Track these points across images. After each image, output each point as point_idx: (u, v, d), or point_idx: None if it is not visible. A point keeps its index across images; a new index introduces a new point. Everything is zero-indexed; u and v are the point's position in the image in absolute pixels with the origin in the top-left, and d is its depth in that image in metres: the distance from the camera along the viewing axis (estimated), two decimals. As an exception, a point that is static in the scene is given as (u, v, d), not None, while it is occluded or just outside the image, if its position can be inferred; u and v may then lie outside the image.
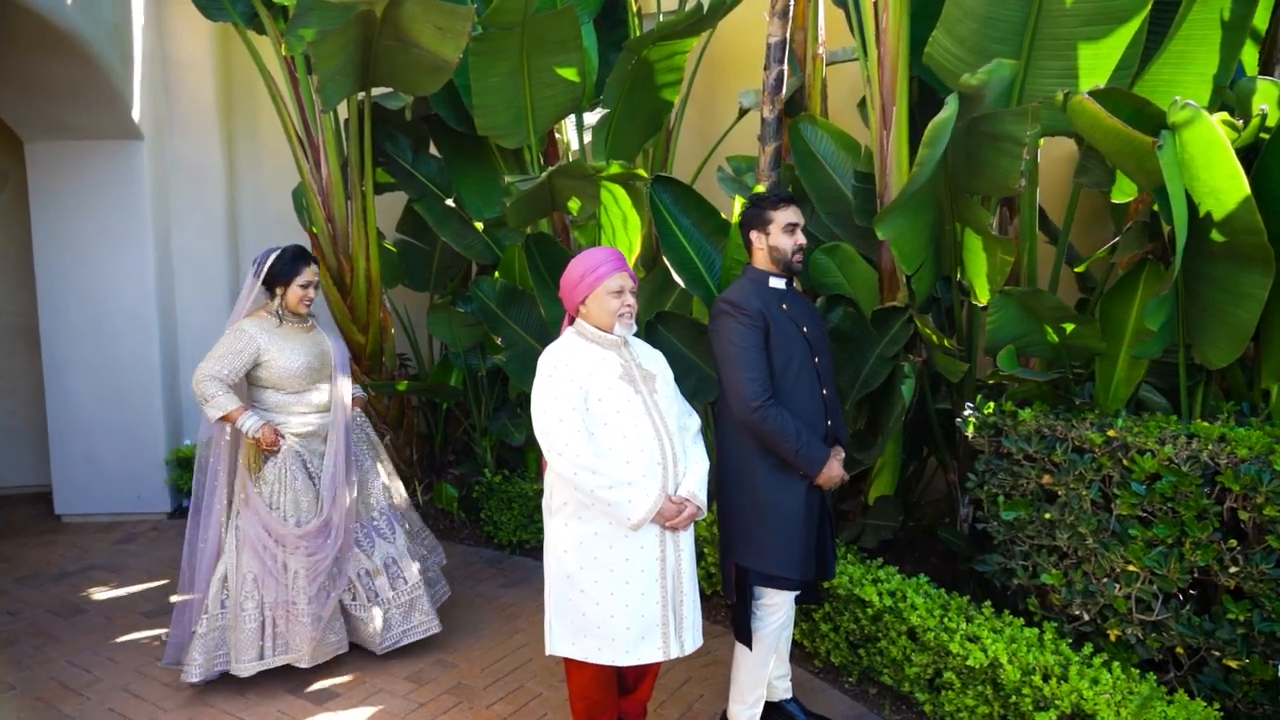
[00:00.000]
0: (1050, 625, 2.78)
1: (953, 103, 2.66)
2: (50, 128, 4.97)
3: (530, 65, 3.95)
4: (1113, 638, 2.69)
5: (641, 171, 3.55)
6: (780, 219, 2.75)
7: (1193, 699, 2.42)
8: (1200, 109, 2.34)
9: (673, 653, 2.49)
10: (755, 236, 2.80)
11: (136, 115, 4.98)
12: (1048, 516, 2.81)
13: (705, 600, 3.77)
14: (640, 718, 2.79)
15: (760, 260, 2.81)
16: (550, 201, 3.92)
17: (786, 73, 3.71)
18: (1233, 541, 2.42)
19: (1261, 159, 2.59)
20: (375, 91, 4.17)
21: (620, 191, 3.76)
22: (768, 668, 2.80)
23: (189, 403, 5.62)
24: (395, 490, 3.66)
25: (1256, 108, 2.69)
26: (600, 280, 2.51)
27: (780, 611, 2.76)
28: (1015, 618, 2.88)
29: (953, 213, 3.22)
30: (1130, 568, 2.59)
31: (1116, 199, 3.34)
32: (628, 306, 2.53)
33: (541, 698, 3.21)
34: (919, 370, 3.37)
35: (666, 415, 2.54)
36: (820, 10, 4.12)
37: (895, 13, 3.32)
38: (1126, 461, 2.58)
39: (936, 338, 3.31)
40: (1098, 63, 2.93)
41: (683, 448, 2.57)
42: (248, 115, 5.78)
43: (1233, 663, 2.45)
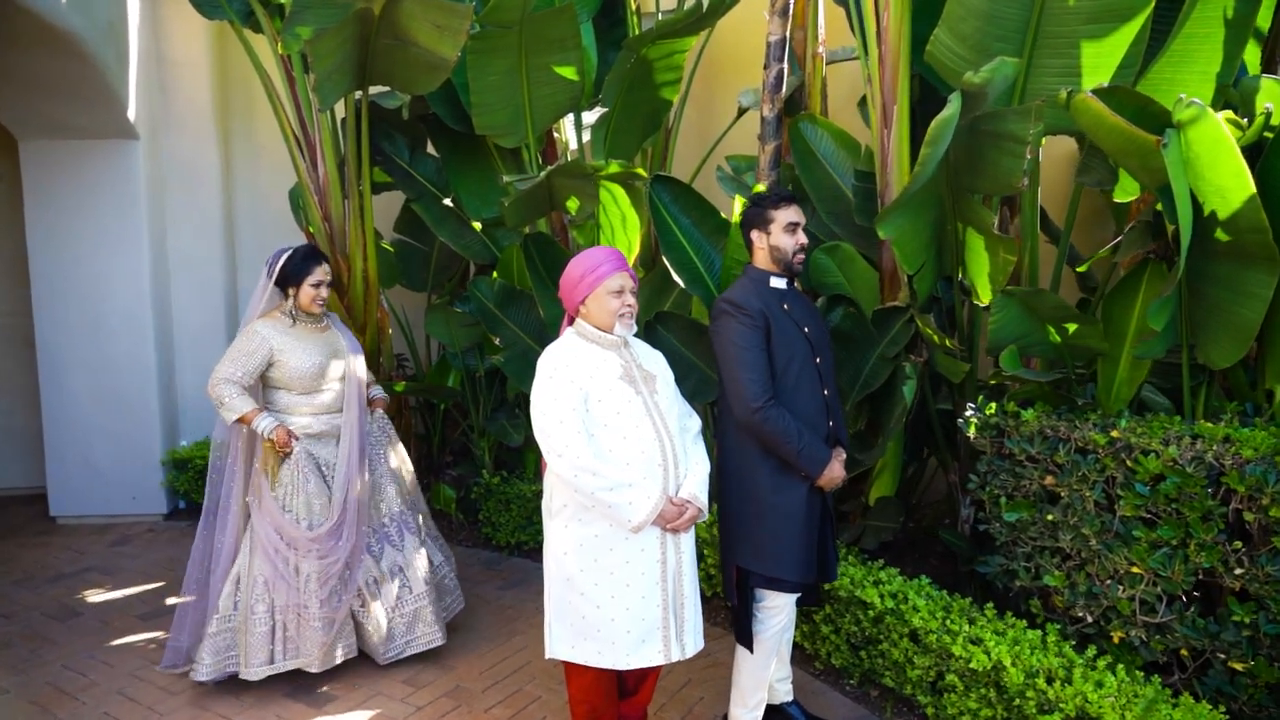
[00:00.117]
0: (1053, 627, 2.77)
1: (955, 101, 2.64)
2: (45, 127, 4.94)
3: (529, 64, 3.93)
4: (1116, 640, 2.67)
5: (641, 171, 3.53)
6: (781, 218, 2.73)
7: (1198, 702, 2.40)
8: (1205, 107, 2.32)
9: (674, 656, 2.47)
10: (756, 236, 2.77)
11: (132, 114, 4.95)
12: (1050, 518, 2.79)
13: (705, 602, 3.75)
14: (640, 721, 2.77)
15: (761, 260, 2.79)
16: (549, 201, 3.90)
17: (786, 71, 3.69)
18: (1238, 543, 2.40)
19: (1266, 157, 2.57)
20: (372, 90, 4.15)
21: (619, 191, 3.74)
22: (769, 670, 2.78)
23: (185, 404, 5.59)
24: (415, 497, 3.62)
25: (1260, 106, 2.68)
26: (600, 280, 2.48)
27: (781, 614, 2.74)
28: (1018, 620, 2.86)
29: (954, 212, 3.20)
30: (1134, 569, 2.58)
31: (1118, 198, 3.33)
32: (628, 306, 2.51)
33: (541, 701, 3.18)
34: (920, 371, 3.36)
35: (667, 416, 2.52)
36: (820, 9, 4.11)
37: (896, 11, 3.31)
38: (1130, 462, 2.56)
39: (938, 338, 3.30)
40: (1100, 61, 2.91)
41: (683, 449, 2.55)
42: (244, 114, 5.75)
43: (1238, 665, 2.44)
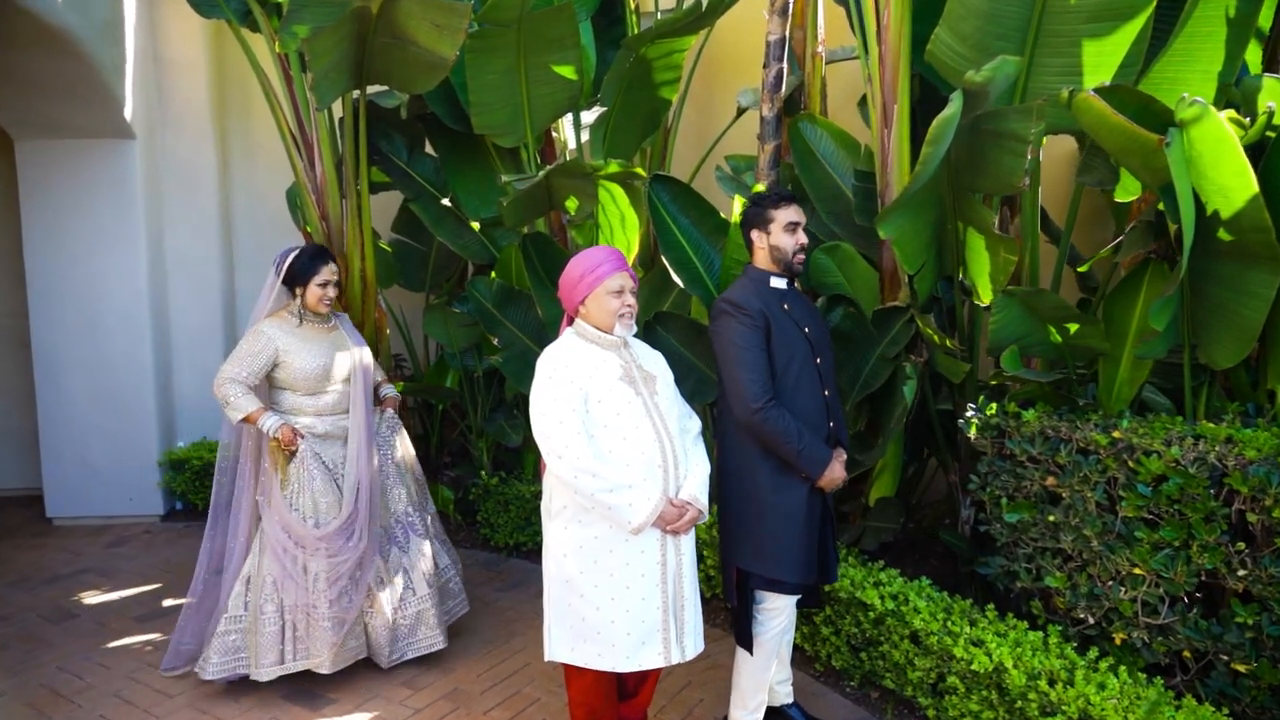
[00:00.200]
0: (1055, 629, 2.75)
1: (957, 100, 2.63)
2: (42, 126, 4.92)
3: (527, 63, 3.92)
4: (1118, 641, 2.66)
5: (639, 170, 3.51)
6: (781, 218, 2.71)
7: (1200, 704, 2.39)
8: (1208, 105, 2.31)
9: (674, 658, 2.46)
10: (756, 235, 2.76)
11: (129, 114, 4.93)
12: (1051, 519, 2.78)
13: (705, 603, 3.73)
14: (640, 723, 2.75)
15: (761, 260, 2.77)
16: (548, 201, 3.88)
17: (785, 71, 3.68)
18: (1241, 544, 2.39)
19: (1268, 157, 2.55)
20: (370, 89, 4.13)
21: (618, 190, 3.72)
22: (769, 672, 2.77)
23: (182, 404, 5.57)
24: (423, 498, 3.60)
25: (1263, 105, 2.67)
26: (600, 280, 2.47)
27: (782, 616, 2.72)
28: (1019, 621, 2.84)
29: (955, 211, 3.18)
30: (1136, 570, 2.56)
31: (1119, 198, 3.32)
32: (628, 307, 2.49)
33: (540, 703, 3.17)
34: (920, 371, 3.34)
35: (667, 417, 2.50)
36: (819, 8, 4.10)
37: (896, 10, 3.29)
38: (1132, 463, 2.55)
39: (938, 338, 3.28)
40: (1102, 60, 2.90)
41: (684, 450, 2.53)
42: (241, 113, 5.73)
43: (1241, 667, 2.42)
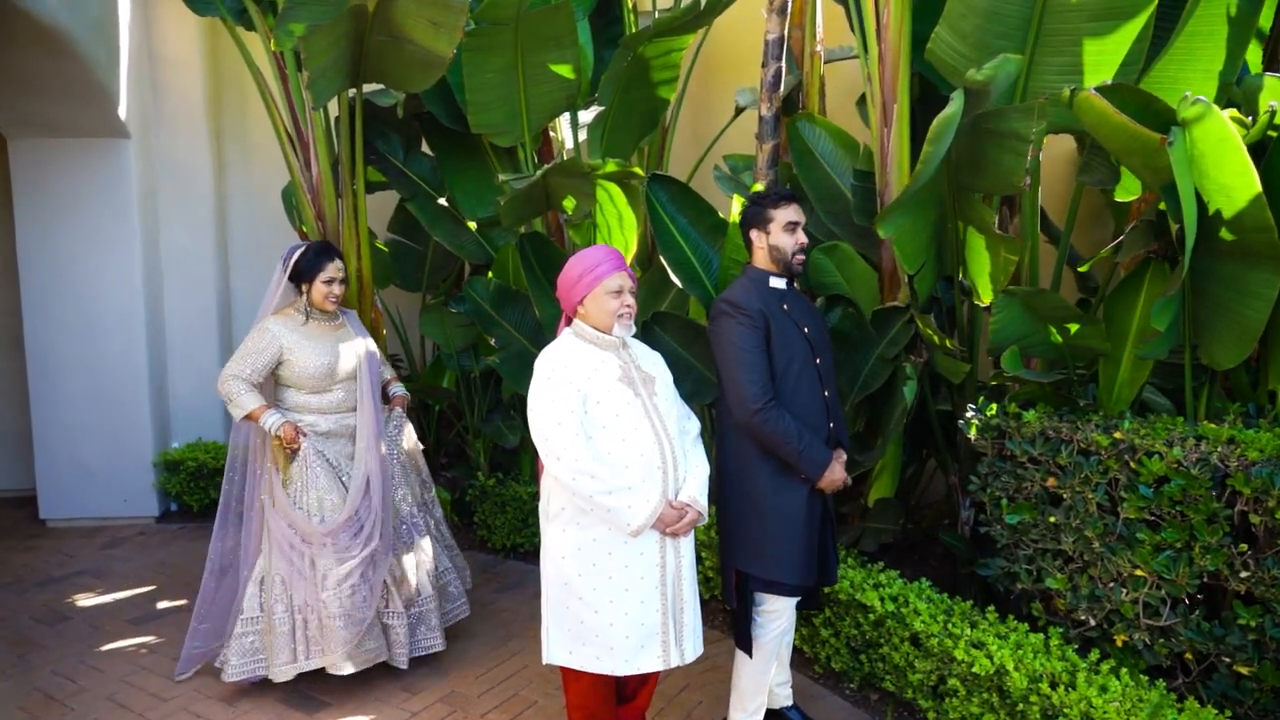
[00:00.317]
0: (1055, 631, 2.74)
1: (958, 99, 2.61)
2: (35, 125, 4.88)
3: (524, 62, 3.90)
4: (1119, 643, 2.65)
5: (637, 170, 3.50)
6: (781, 217, 2.70)
7: (1203, 706, 2.37)
8: (1210, 104, 2.30)
9: (673, 661, 2.44)
10: (755, 235, 2.74)
11: (123, 113, 4.90)
12: (1052, 520, 2.76)
13: (703, 605, 3.71)
14: (639, 727, 2.73)
15: (760, 260, 2.75)
16: (545, 200, 3.86)
17: (784, 70, 3.66)
18: (1243, 546, 2.37)
19: (1270, 156, 2.54)
20: (366, 88, 4.10)
21: (616, 190, 3.70)
22: (769, 675, 2.75)
23: (177, 405, 5.54)
24: (429, 499, 3.58)
25: (1264, 104, 2.66)
26: (599, 280, 2.45)
27: (782, 618, 2.70)
28: (1019, 623, 2.83)
29: (955, 211, 3.17)
30: (1138, 572, 2.55)
31: (1120, 197, 3.31)
32: (627, 307, 2.47)
33: (537, 706, 3.14)
34: (920, 371, 3.33)
35: (666, 418, 2.48)
36: (818, 7, 4.08)
37: (896, 9, 3.28)
38: (1134, 464, 2.53)
39: (938, 338, 3.27)
40: (1103, 59, 2.89)
41: (683, 451, 2.51)
42: (237, 112, 5.70)
43: (1243, 669, 2.41)
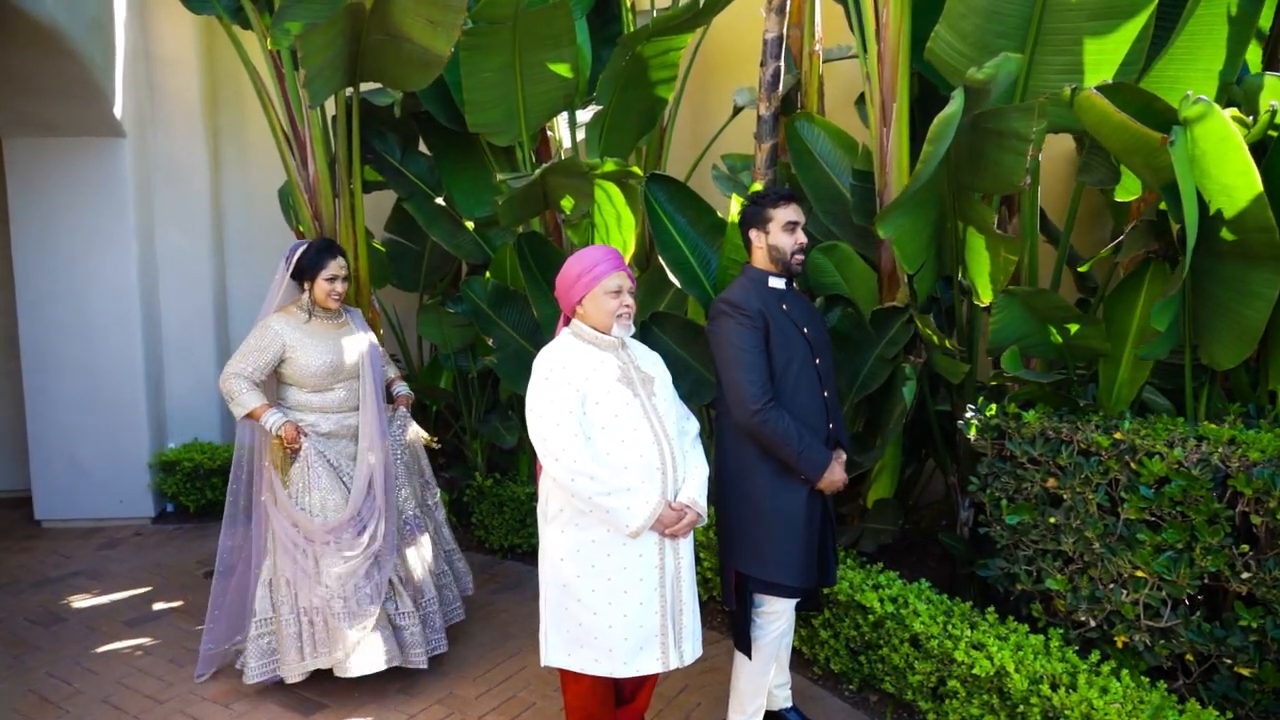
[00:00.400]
0: (1055, 632, 2.73)
1: (959, 98, 2.60)
2: (30, 124, 4.85)
3: (522, 61, 3.88)
4: (1120, 644, 2.64)
5: (636, 169, 3.48)
6: (780, 217, 2.69)
7: (1204, 708, 2.36)
8: (1212, 104, 2.29)
9: (672, 663, 2.43)
10: (755, 235, 2.73)
11: (119, 111, 4.88)
12: (1052, 521, 2.75)
13: (702, 606, 3.70)
14: (638, 729, 2.72)
15: (759, 259, 2.74)
16: (543, 200, 3.84)
17: (783, 69, 3.65)
18: (1245, 546, 2.36)
19: (1270, 156, 2.54)
20: (364, 87, 4.08)
21: (614, 190, 3.69)
22: (768, 677, 2.74)
23: (173, 405, 5.52)
24: (432, 501, 3.56)
25: (1265, 104, 2.65)
26: (598, 280, 2.44)
27: (781, 620, 2.69)
28: (1019, 624, 2.82)
29: (955, 211, 3.16)
30: (1138, 573, 2.54)
31: (1120, 197, 3.30)
32: (626, 307, 2.46)
33: (536, 708, 3.13)
34: (919, 372, 3.32)
35: (665, 419, 2.47)
36: (817, 6, 4.07)
37: (896, 8, 3.26)
38: (1134, 464, 2.53)
39: (937, 338, 3.26)
40: (1103, 58, 2.88)
41: (682, 452, 2.50)
42: (233, 111, 5.68)
43: (1245, 670, 2.40)
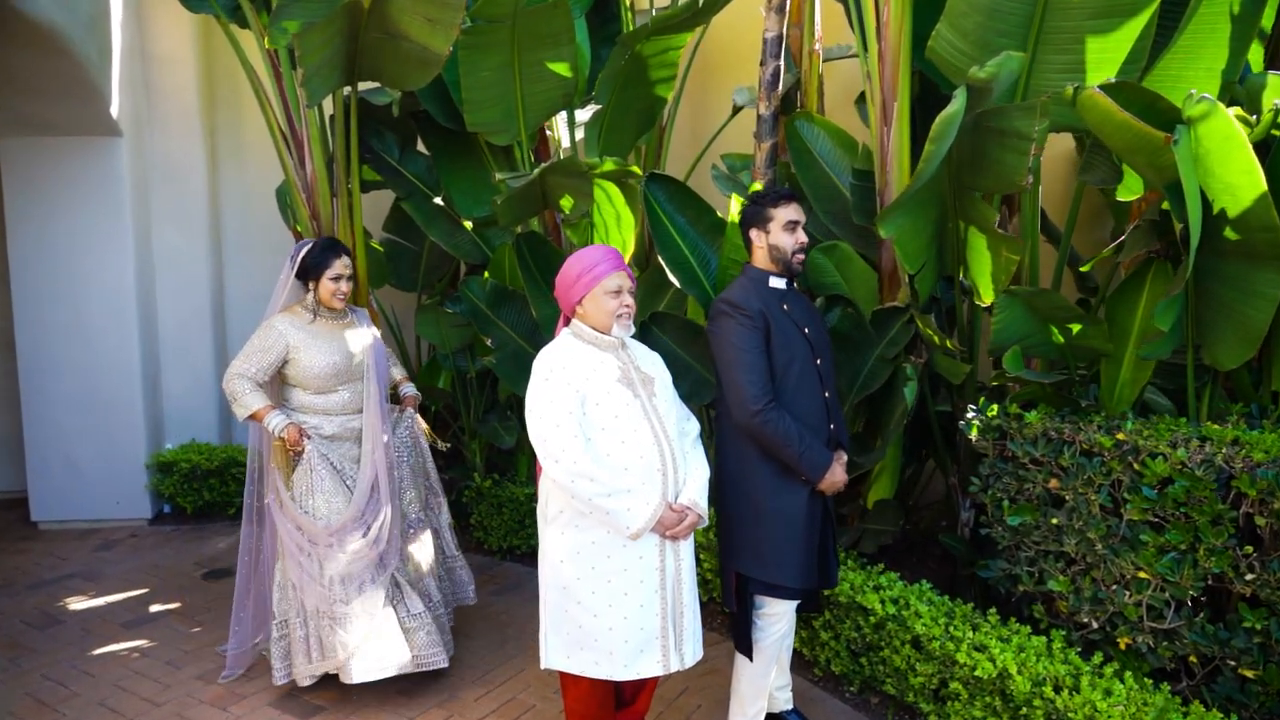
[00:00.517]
0: (1058, 633, 2.71)
1: (961, 97, 2.59)
2: (26, 124, 4.83)
3: (521, 60, 3.86)
4: (1123, 646, 2.62)
5: (635, 169, 3.47)
6: (781, 216, 2.67)
7: (1208, 710, 2.35)
8: (1216, 102, 2.28)
9: (672, 666, 2.41)
10: (755, 235, 2.72)
11: (115, 111, 4.85)
12: (1055, 522, 2.74)
13: (702, 607, 3.68)
14: (638, 731, 2.70)
15: (760, 259, 2.73)
16: (542, 199, 3.83)
17: (782, 68, 3.63)
18: (1249, 548, 2.35)
19: (1273, 155, 2.53)
20: (361, 86, 4.06)
21: (614, 189, 3.68)
22: (769, 678, 2.72)
23: (170, 406, 5.50)
24: (436, 503, 3.54)
25: (1268, 103, 2.64)
26: (598, 280, 2.42)
27: (782, 621, 2.68)
28: (1021, 625, 2.81)
29: (956, 210, 3.15)
30: (1141, 574, 2.53)
31: (1122, 197, 3.29)
32: (626, 307, 2.44)
33: (535, 710, 3.11)
34: (920, 372, 3.30)
35: (666, 420, 2.46)
36: (817, 5, 4.06)
37: (896, 6, 3.25)
38: (1137, 465, 2.51)
39: (938, 338, 3.24)
40: (1105, 57, 2.86)
41: (682, 453, 2.48)
42: (230, 111, 5.65)
43: (1249, 672, 2.39)
